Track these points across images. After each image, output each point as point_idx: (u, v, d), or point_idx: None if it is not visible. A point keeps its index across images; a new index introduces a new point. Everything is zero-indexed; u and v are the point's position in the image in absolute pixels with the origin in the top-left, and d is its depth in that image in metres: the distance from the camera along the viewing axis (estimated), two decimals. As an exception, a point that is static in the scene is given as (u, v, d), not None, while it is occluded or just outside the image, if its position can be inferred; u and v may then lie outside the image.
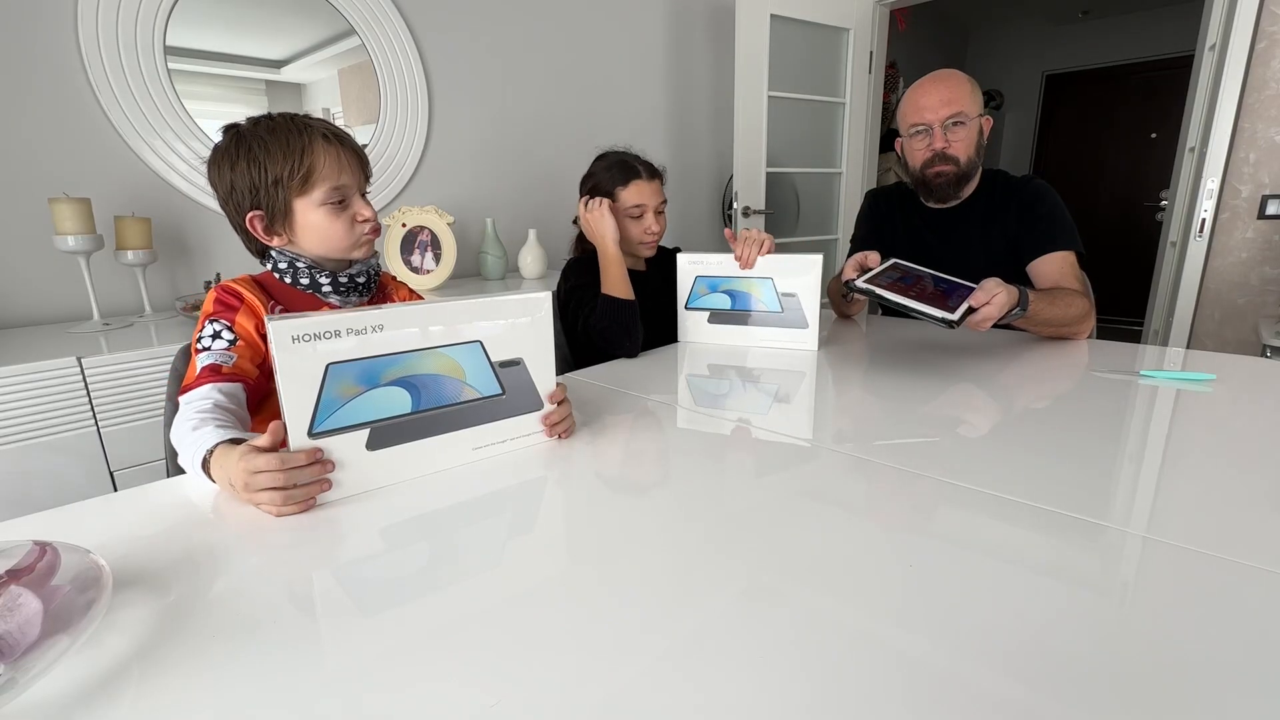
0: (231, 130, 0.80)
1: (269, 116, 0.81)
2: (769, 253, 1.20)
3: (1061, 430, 0.79)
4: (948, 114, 1.26)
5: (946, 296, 1.06)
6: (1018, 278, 1.30)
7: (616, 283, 1.20)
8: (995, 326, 1.11)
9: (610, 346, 1.19)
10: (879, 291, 1.04)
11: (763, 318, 1.23)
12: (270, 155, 0.78)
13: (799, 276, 1.19)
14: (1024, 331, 1.24)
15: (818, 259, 1.17)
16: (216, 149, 0.81)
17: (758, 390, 0.99)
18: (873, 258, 1.17)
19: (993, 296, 1.02)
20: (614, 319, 1.17)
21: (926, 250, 1.38)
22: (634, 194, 1.26)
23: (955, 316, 0.98)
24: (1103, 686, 0.37)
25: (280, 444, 0.59)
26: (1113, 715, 0.35)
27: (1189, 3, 3.63)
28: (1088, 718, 0.35)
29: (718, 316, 1.29)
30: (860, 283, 1.07)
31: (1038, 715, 0.35)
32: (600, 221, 1.22)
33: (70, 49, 1.46)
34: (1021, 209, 1.29)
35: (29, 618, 0.39)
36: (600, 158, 1.33)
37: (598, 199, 1.24)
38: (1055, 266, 1.26)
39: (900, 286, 1.07)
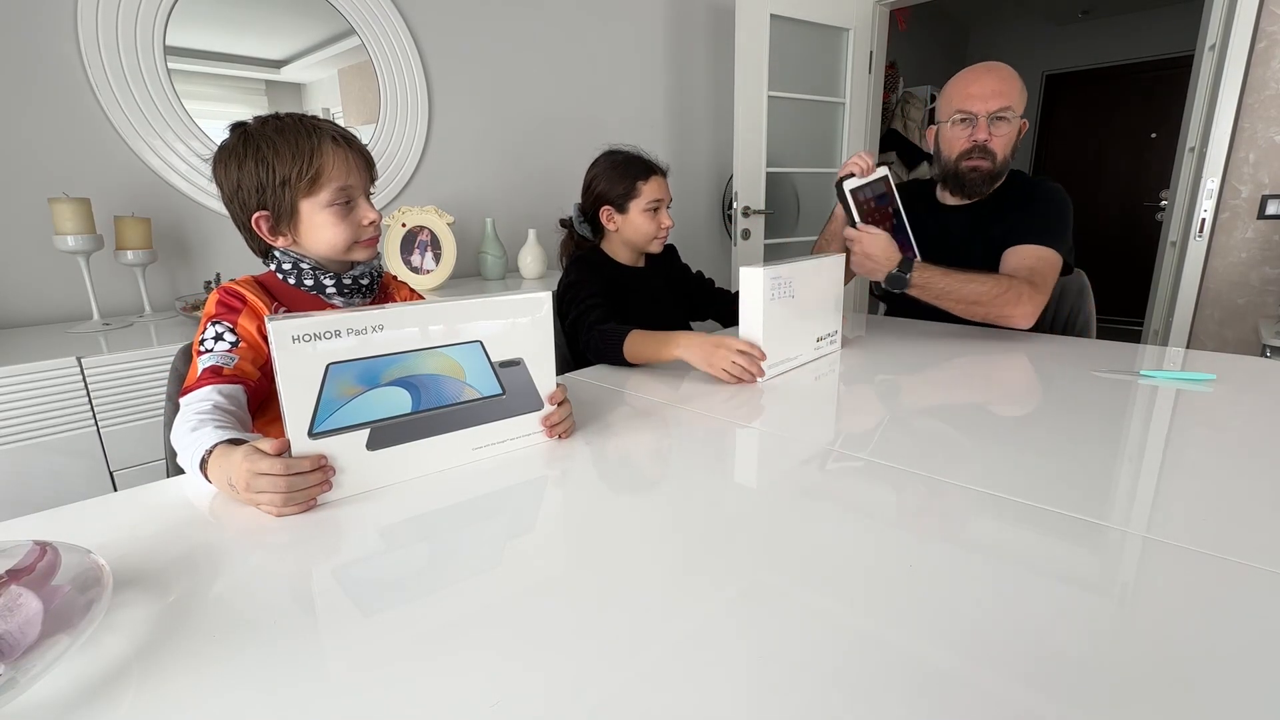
0: (239, 129, 0.80)
1: (276, 116, 0.80)
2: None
3: (1061, 430, 0.79)
4: (997, 106, 1.22)
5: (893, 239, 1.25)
6: None
7: (642, 352, 1.08)
8: (894, 294, 1.28)
9: (589, 355, 1.18)
10: (849, 201, 1.25)
11: None
12: (279, 156, 0.77)
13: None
14: (949, 312, 1.27)
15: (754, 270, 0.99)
16: (223, 147, 0.80)
17: (758, 390, 0.99)
18: (866, 160, 1.29)
19: (854, 240, 1.22)
20: (606, 355, 1.13)
21: (932, 243, 1.38)
22: (655, 188, 1.27)
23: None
24: (1103, 686, 0.37)
25: (284, 450, 0.59)
26: (1113, 715, 0.35)
27: (1189, 3, 3.63)
28: (1087, 718, 0.35)
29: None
30: (848, 185, 1.25)
31: (1037, 715, 0.35)
32: (712, 358, 0.99)
33: (70, 49, 1.46)
34: (1022, 204, 1.28)
35: (29, 618, 0.39)
36: (609, 155, 1.31)
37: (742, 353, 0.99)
38: (1018, 257, 1.22)
39: (869, 206, 1.27)
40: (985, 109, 1.23)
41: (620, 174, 1.27)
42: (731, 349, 0.98)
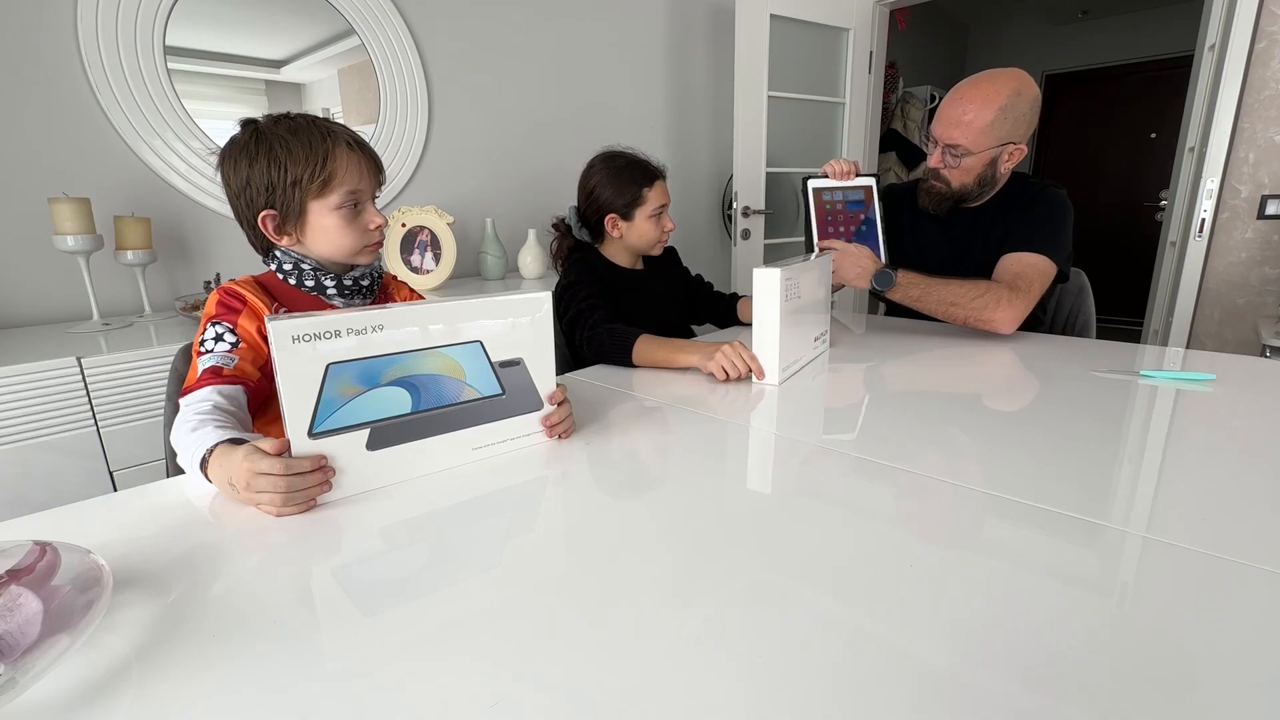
0: (250, 126, 0.79)
1: (288, 116, 0.80)
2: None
3: (1061, 430, 0.79)
4: (949, 139, 1.22)
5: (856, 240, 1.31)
6: None
7: (652, 356, 1.10)
8: (875, 297, 1.33)
9: (589, 354, 1.18)
10: (810, 200, 1.34)
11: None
12: (292, 156, 0.77)
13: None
14: (929, 316, 1.28)
15: (773, 273, 0.96)
16: (234, 143, 0.80)
17: (756, 390, 0.99)
18: (844, 166, 1.35)
19: (847, 252, 1.24)
20: (611, 354, 1.14)
21: (930, 244, 1.38)
22: (659, 194, 1.27)
23: (815, 253, 1.20)
24: (1102, 686, 0.37)
25: (284, 451, 0.59)
26: (1112, 715, 0.35)
27: (1189, 3, 3.63)
28: (1087, 718, 0.35)
29: None
30: (813, 184, 1.34)
31: (1037, 715, 0.35)
32: (712, 355, 1.02)
33: (70, 49, 1.46)
34: (1020, 209, 1.28)
35: (29, 618, 0.39)
36: (604, 161, 1.29)
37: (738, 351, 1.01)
38: (1007, 263, 1.22)
39: (835, 207, 1.32)
40: (944, 136, 1.23)
41: (625, 181, 1.26)
42: (731, 348, 1.01)
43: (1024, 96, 1.18)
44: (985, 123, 1.18)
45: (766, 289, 0.97)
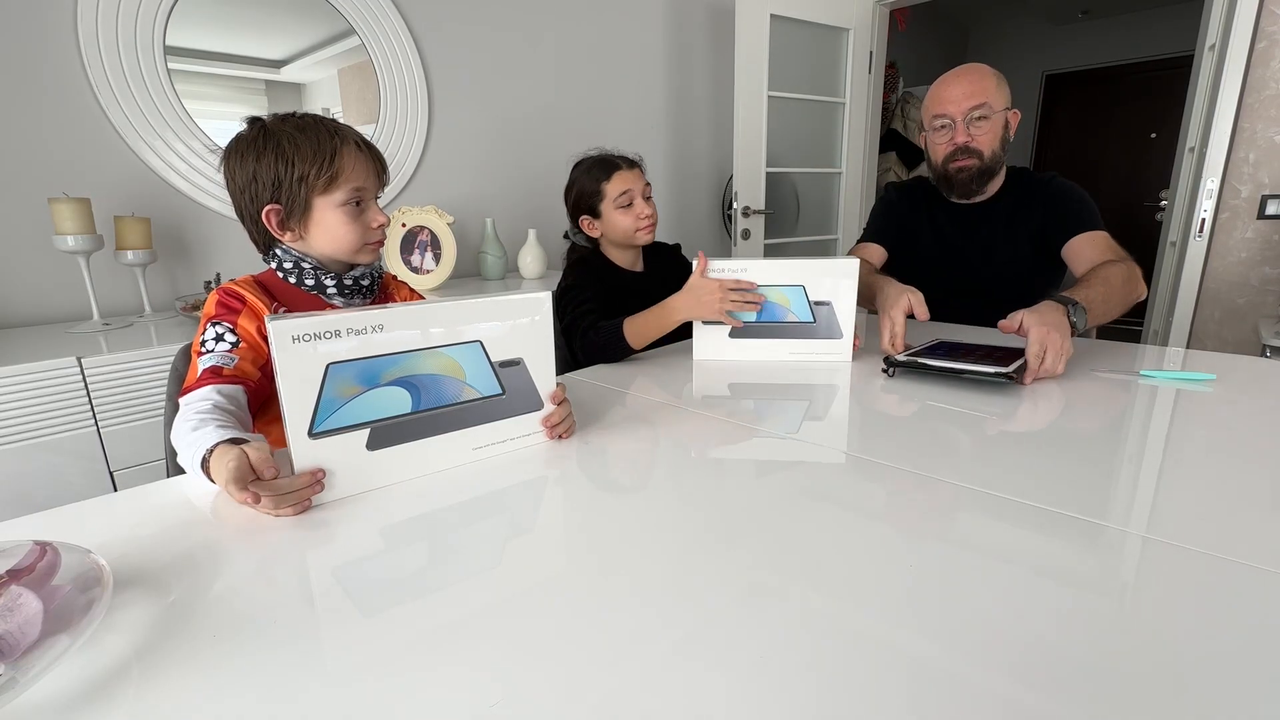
0: (257, 122, 0.81)
1: (294, 115, 0.82)
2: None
3: (1061, 430, 0.79)
4: (970, 105, 1.24)
5: (998, 358, 0.97)
6: (1044, 274, 1.31)
7: (644, 330, 1.14)
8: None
9: (584, 358, 1.18)
10: (923, 361, 0.98)
11: (793, 329, 1.13)
12: (299, 152, 0.78)
13: (835, 283, 1.11)
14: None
15: (855, 263, 1.10)
16: (240, 138, 0.81)
17: (757, 391, 0.99)
18: (917, 301, 1.11)
19: (1045, 344, 0.93)
20: (609, 351, 1.16)
21: (952, 247, 1.38)
22: (618, 184, 1.28)
23: (1010, 369, 0.90)
24: (1102, 686, 0.37)
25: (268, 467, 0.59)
26: (1112, 715, 0.35)
27: (1189, 3, 3.63)
28: (1087, 718, 0.35)
29: (741, 330, 1.14)
30: (902, 357, 1.01)
31: (1037, 715, 0.35)
32: (714, 307, 1.10)
33: (70, 49, 1.46)
34: (1048, 204, 1.29)
35: (29, 618, 0.39)
36: (576, 166, 1.35)
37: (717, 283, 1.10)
38: (1091, 242, 1.23)
39: (943, 357, 0.99)
40: (960, 110, 1.25)
41: (586, 181, 1.31)
42: (721, 289, 1.09)
43: (998, 73, 1.29)
44: (995, 83, 1.25)
45: (847, 275, 1.11)
